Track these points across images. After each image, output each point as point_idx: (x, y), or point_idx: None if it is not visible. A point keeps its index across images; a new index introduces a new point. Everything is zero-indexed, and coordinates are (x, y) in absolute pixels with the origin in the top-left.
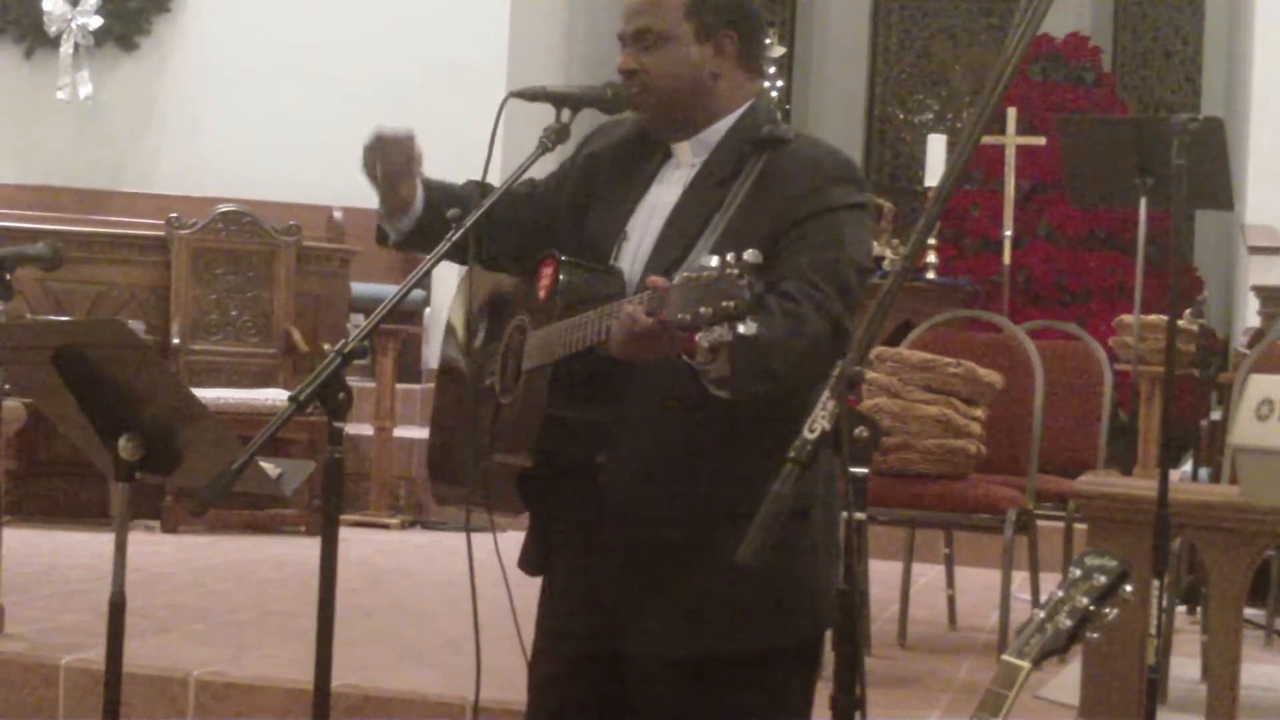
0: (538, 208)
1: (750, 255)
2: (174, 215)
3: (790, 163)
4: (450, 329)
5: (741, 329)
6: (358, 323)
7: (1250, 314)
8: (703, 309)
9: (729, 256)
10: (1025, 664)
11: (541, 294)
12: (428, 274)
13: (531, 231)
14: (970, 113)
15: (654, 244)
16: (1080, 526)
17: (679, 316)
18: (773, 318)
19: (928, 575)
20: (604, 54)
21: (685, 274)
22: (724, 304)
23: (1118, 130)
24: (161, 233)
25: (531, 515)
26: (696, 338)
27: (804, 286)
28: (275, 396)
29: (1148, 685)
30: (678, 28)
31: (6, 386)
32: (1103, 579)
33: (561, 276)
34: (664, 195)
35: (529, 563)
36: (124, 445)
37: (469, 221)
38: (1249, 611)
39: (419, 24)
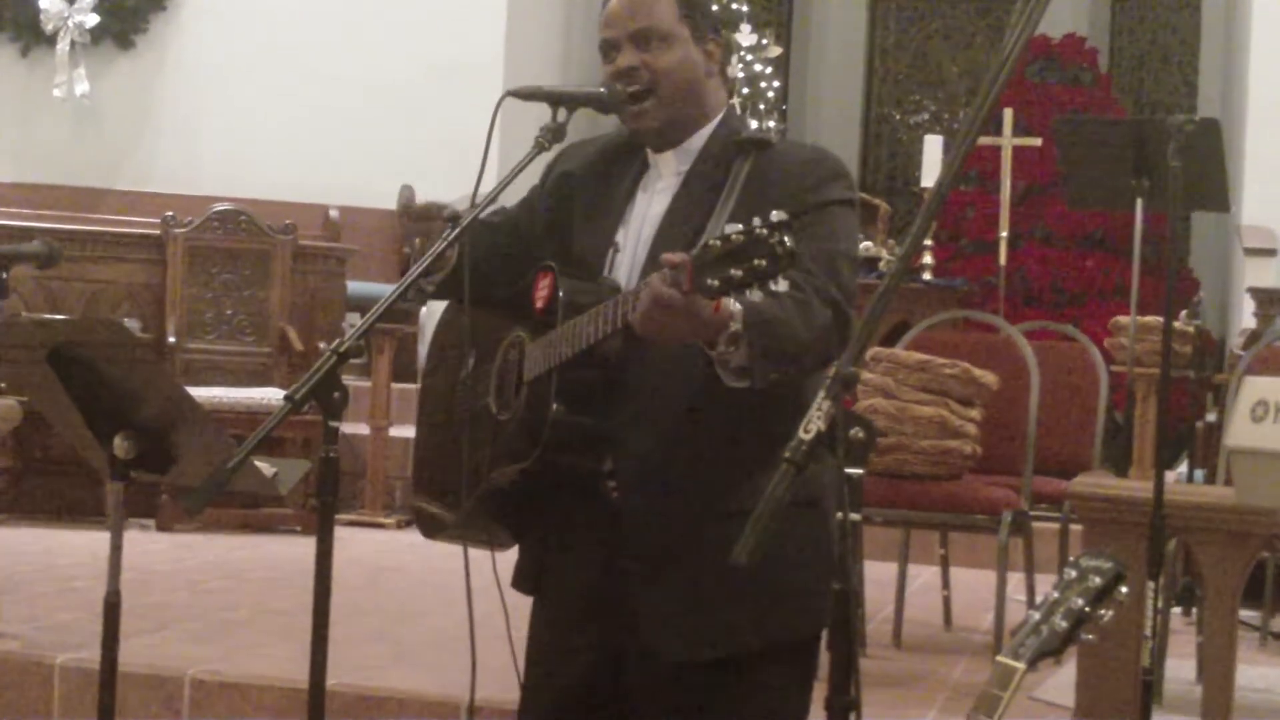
0: (511, 234)
1: (777, 214)
2: (170, 214)
3: (782, 162)
4: (432, 362)
5: (774, 288)
6: (353, 322)
7: (1246, 315)
8: (733, 271)
9: (755, 220)
10: (1020, 665)
11: (539, 305)
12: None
13: (507, 257)
14: (967, 113)
15: (648, 253)
16: (1076, 527)
17: (708, 283)
18: (782, 304)
19: (923, 576)
20: None
21: (711, 242)
22: (756, 263)
23: (1114, 132)
24: (157, 231)
25: (525, 535)
26: (725, 303)
27: (804, 276)
28: (271, 395)
29: (1143, 686)
30: (679, 29)
31: (2, 385)
32: (1098, 580)
33: (561, 286)
34: (652, 206)
35: (523, 582)
36: (119, 444)
37: (466, 221)
38: (1244, 613)
39: (416, 22)
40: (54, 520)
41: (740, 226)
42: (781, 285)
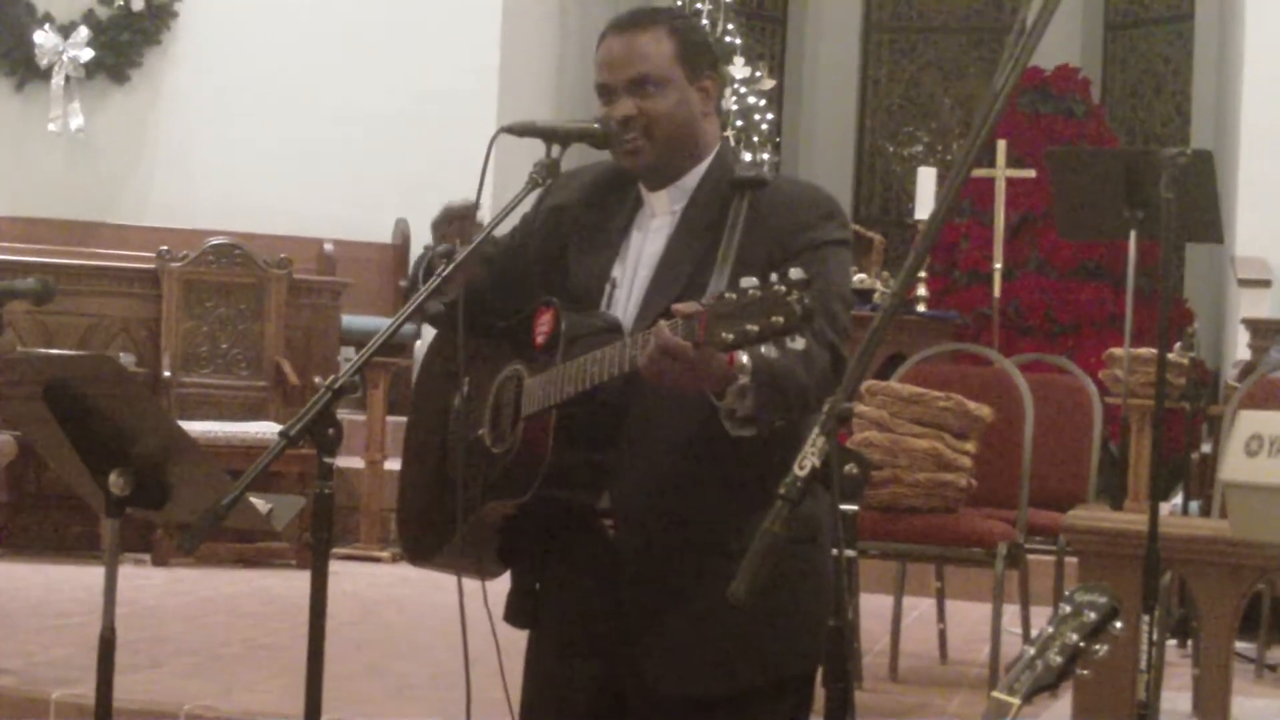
0: (506, 265)
1: (795, 272)
2: (165, 248)
3: (779, 200)
4: (421, 391)
5: (790, 345)
6: (348, 355)
7: (1240, 346)
8: (749, 326)
9: (772, 276)
10: (1016, 700)
11: (540, 339)
12: (419, 308)
13: (502, 288)
14: (960, 145)
15: (644, 292)
16: (1071, 560)
17: (723, 336)
18: (785, 352)
19: (919, 609)
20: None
21: (726, 294)
22: (773, 319)
23: (1107, 163)
24: (152, 265)
25: (516, 569)
26: (738, 357)
27: None
28: (266, 429)
29: None
30: (674, 72)
31: None
32: (1093, 615)
33: (563, 322)
34: (647, 244)
35: (518, 616)
36: (114, 480)
37: (461, 256)
38: (1240, 645)
39: (410, 55)
40: (49, 555)
41: (756, 281)
42: (798, 343)
